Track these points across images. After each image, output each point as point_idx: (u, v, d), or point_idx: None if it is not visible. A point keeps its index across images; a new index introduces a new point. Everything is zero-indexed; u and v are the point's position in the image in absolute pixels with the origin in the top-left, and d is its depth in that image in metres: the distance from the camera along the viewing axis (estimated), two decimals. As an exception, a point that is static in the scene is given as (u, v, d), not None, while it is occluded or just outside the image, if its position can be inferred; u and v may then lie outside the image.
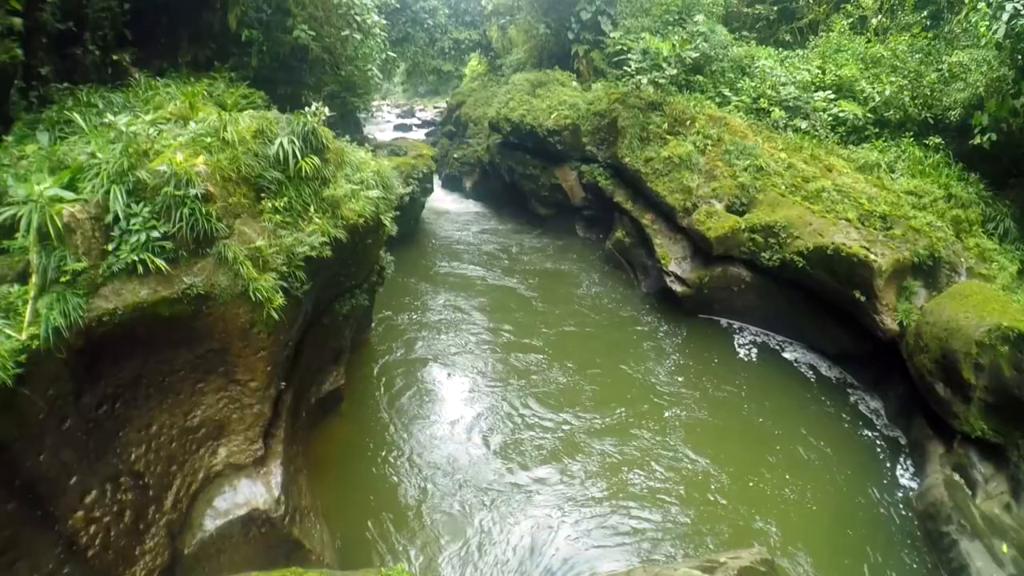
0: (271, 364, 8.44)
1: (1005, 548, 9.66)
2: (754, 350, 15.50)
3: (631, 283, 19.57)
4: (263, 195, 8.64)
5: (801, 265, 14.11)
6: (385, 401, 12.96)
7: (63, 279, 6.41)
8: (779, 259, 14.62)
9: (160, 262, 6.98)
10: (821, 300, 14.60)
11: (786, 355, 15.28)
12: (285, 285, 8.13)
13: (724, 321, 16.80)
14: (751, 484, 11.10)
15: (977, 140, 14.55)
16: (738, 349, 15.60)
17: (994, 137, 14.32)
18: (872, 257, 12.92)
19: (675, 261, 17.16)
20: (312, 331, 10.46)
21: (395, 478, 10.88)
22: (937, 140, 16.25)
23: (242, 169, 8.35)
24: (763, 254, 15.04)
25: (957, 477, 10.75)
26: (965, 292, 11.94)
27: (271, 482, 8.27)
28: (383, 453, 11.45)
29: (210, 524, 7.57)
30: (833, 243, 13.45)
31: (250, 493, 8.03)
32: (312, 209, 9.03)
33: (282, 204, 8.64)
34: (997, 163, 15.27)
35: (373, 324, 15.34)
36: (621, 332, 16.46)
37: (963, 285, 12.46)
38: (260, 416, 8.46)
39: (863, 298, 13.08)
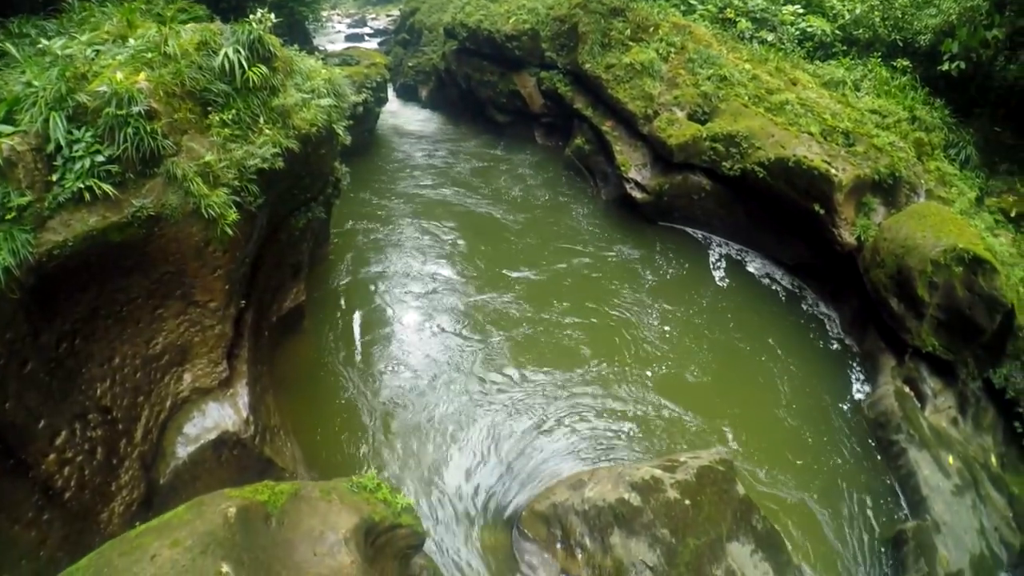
0: (229, 282, 8.33)
1: (952, 460, 10.39)
2: (714, 259, 15.82)
3: (590, 190, 19.59)
4: (210, 109, 8.27)
5: (762, 175, 14.25)
6: (348, 316, 12.94)
7: (8, 216, 6.11)
8: (740, 169, 14.74)
9: (107, 187, 6.67)
10: (781, 211, 14.85)
11: (747, 265, 15.66)
12: (238, 200, 7.94)
13: (689, 230, 17.02)
14: (713, 391, 11.61)
15: (945, 67, 14.68)
16: (697, 259, 15.91)
17: (962, 66, 14.47)
18: (833, 171, 13.11)
19: (635, 168, 17.21)
20: (269, 247, 10.29)
21: (361, 392, 11.03)
22: (905, 63, 16.25)
23: (186, 83, 7.94)
24: (724, 163, 15.12)
25: (907, 389, 11.39)
26: (923, 212, 12.24)
27: (238, 403, 8.29)
28: (348, 368, 11.54)
29: (182, 451, 7.60)
30: (795, 155, 13.59)
31: (219, 416, 8.06)
32: (262, 120, 8.72)
33: (230, 117, 8.30)
34: (963, 91, 15.46)
35: (332, 239, 15.07)
36: (578, 241, 16.60)
37: (922, 205, 12.76)
38: (222, 337, 8.40)
39: (822, 211, 13.35)
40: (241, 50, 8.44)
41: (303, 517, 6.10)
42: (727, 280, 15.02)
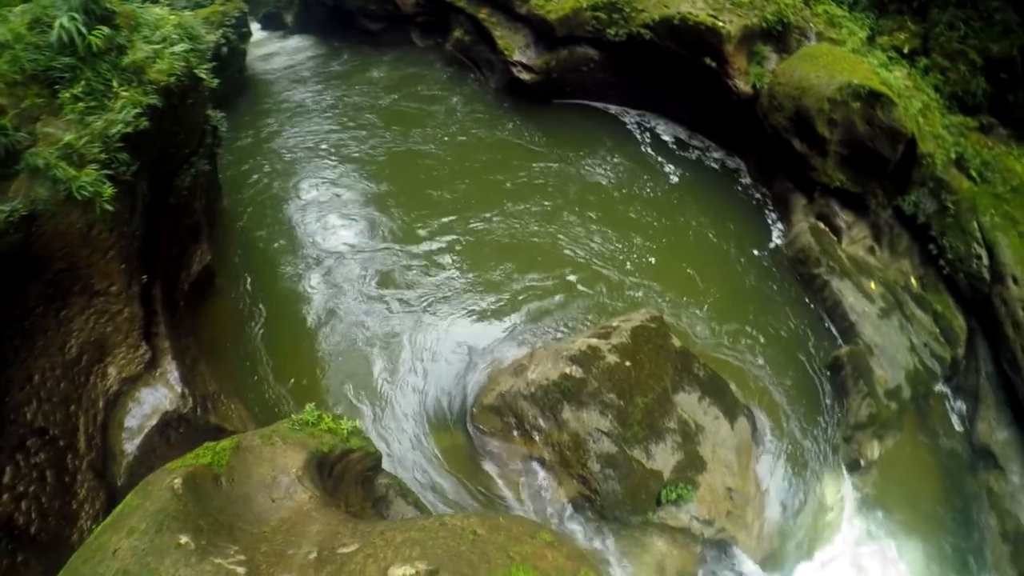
0: (124, 261, 8.30)
1: (873, 285, 11.48)
2: (614, 126, 16.40)
3: (479, 81, 19.67)
4: (58, 87, 8.01)
5: (648, 37, 14.62)
6: (260, 265, 12.92)
7: None
8: (625, 33, 15.06)
9: (-30, 204, 6.53)
10: (672, 72, 15.28)
11: (656, 129, 16.20)
12: (110, 173, 7.83)
13: (587, 103, 17.43)
14: (638, 255, 12.40)
15: (824, -90, 14.70)
16: (594, 127, 16.54)
17: (842, -93, 14.57)
18: (720, 24, 13.53)
19: (519, 50, 17.41)
20: (160, 214, 10.06)
21: (292, 335, 11.34)
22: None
23: (27, 68, 7.72)
24: (608, 30, 15.41)
25: (822, 225, 12.38)
26: (815, 54, 12.88)
27: (170, 380, 8.45)
28: (273, 315, 11.73)
29: (130, 447, 7.77)
30: (679, 13, 13.93)
31: (154, 399, 8.21)
32: (115, 84, 8.47)
33: (81, 89, 8.07)
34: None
35: (224, 190, 14.79)
36: (479, 130, 17.01)
37: (813, 47, 13.40)
38: (133, 318, 8.42)
39: (714, 64, 13.89)
40: (76, 16, 8.09)
41: (251, 468, 6.37)
42: (630, 147, 15.64)
